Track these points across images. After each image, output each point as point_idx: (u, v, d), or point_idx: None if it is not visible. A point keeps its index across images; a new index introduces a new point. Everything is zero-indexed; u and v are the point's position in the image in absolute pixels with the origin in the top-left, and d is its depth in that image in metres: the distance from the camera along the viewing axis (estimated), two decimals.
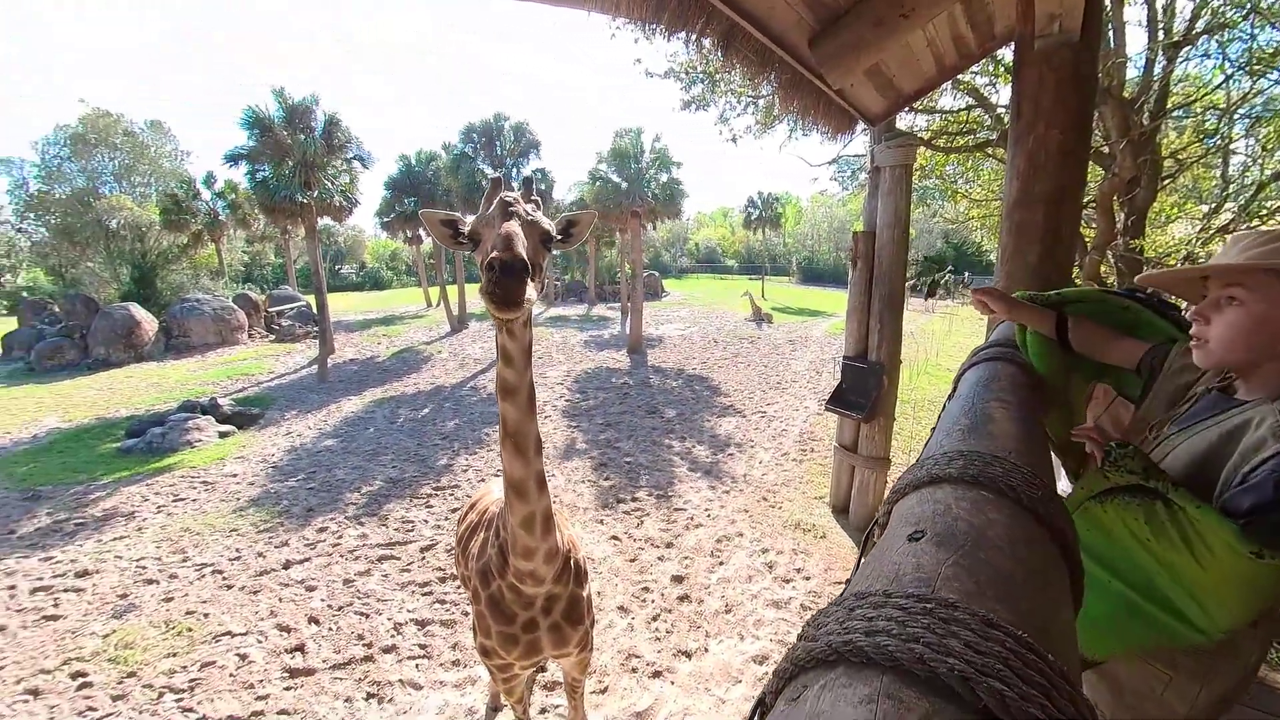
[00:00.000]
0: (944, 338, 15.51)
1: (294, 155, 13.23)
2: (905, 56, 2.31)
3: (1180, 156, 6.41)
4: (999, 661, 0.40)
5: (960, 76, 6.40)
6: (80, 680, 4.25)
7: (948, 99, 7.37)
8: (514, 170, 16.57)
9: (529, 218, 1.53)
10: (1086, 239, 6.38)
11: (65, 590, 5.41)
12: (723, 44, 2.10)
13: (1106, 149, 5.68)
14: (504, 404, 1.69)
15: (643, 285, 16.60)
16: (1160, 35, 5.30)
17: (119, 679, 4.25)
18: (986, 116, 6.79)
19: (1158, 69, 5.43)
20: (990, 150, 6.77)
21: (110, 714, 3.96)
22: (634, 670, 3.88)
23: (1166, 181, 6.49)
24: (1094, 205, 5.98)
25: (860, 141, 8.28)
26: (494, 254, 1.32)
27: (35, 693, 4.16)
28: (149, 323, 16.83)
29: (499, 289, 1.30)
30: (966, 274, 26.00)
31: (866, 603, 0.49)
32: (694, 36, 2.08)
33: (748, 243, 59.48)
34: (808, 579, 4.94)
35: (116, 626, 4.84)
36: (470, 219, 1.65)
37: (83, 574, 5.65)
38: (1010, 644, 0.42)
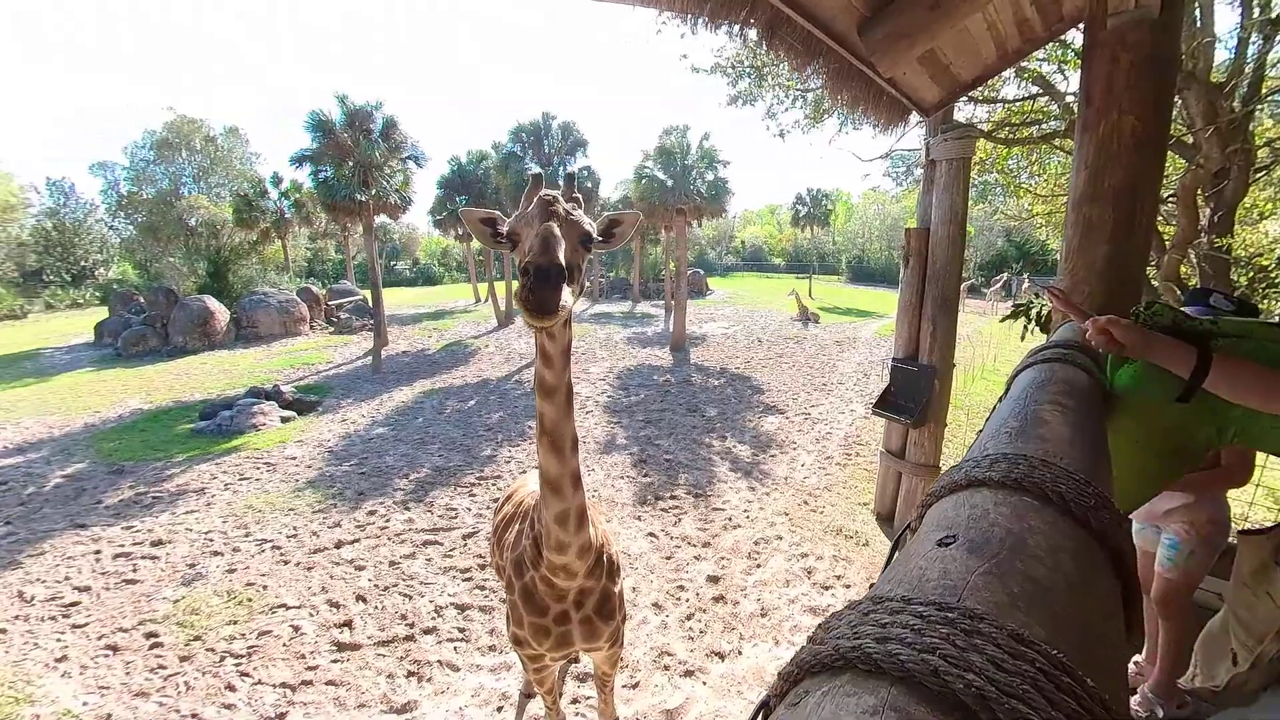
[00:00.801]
0: (1003, 341, 14.73)
1: (354, 156, 13.86)
2: (963, 42, 2.18)
3: (1277, 146, 5.84)
4: (1026, 682, 0.36)
5: (1024, 63, 6.05)
6: (152, 640, 4.59)
7: (1011, 88, 6.96)
8: (560, 168, 16.79)
9: (569, 217, 1.49)
10: (1165, 236, 5.91)
11: (142, 557, 5.85)
12: (767, 33, 2.04)
13: (1190, 138, 5.25)
14: (542, 402, 1.68)
15: (686, 283, 16.52)
16: (1255, 11, 4.84)
17: (186, 641, 4.57)
18: (1053, 105, 6.37)
19: (1251, 49, 4.96)
20: (1057, 142, 6.37)
21: (177, 673, 4.26)
22: (666, 668, 3.87)
23: (1260, 174, 5.94)
24: (1174, 200, 5.53)
25: (915, 134, 7.94)
26: (530, 258, 1.29)
27: (114, 648, 4.53)
28: (221, 314, 18.01)
29: (534, 295, 1.26)
30: (1026, 275, 24.55)
31: (883, 607, 0.45)
32: (738, 27, 2.02)
33: (795, 241, 58.24)
34: (848, 587, 4.79)
35: (185, 593, 5.21)
36: (510, 218, 1.64)
37: (157, 543, 6.10)
38: (1041, 663, 0.38)
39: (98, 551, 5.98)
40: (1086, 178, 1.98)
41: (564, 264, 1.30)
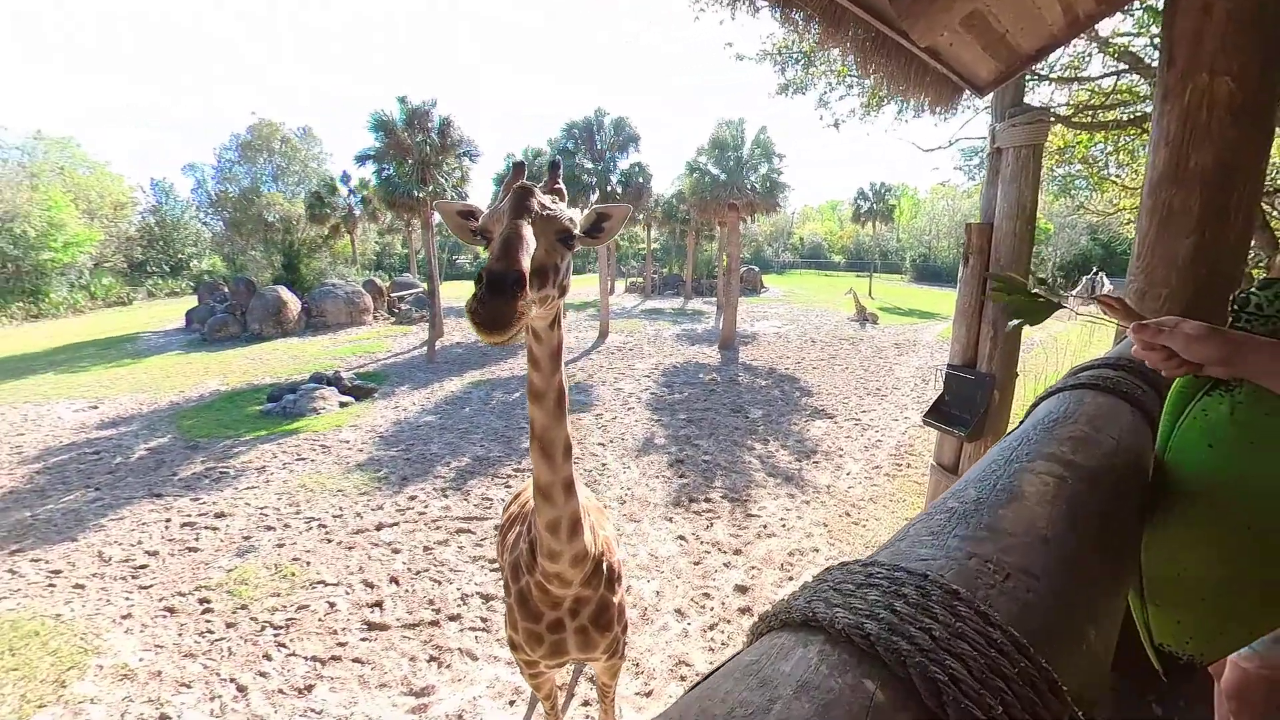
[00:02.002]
0: (1081, 349, 13.55)
1: (413, 154, 14.38)
2: (1019, 3, 1.90)
3: None
4: (960, 643, 0.36)
5: (1107, 36, 5.45)
6: (204, 606, 4.89)
7: (1095, 66, 6.28)
8: (612, 164, 16.79)
9: (545, 213, 1.33)
10: (1276, 231, 5.19)
11: (205, 528, 6.27)
12: (782, 1, 1.84)
13: None
14: (532, 407, 1.58)
15: (739, 280, 16.17)
16: None
17: (233, 609, 4.84)
18: (1143, 84, 5.67)
19: None
20: (1148, 126, 5.70)
21: (222, 638, 4.51)
22: (682, 678, 3.74)
23: None
24: None
25: (984, 121, 7.34)
26: (487, 262, 1.14)
27: (171, 610, 4.85)
28: (293, 303, 19.20)
29: (482, 308, 1.07)
30: (1102, 275, 22.46)
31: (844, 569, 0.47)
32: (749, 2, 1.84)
33: (856, 238, 56.11)
34: None
35: (238, 564, 5.52)
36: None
37: (219, 515, 6.52)
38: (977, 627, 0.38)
39: (168, 520, 6.45)
40: (1166, 156, 1.68)
41: (525, 270, 1.13)
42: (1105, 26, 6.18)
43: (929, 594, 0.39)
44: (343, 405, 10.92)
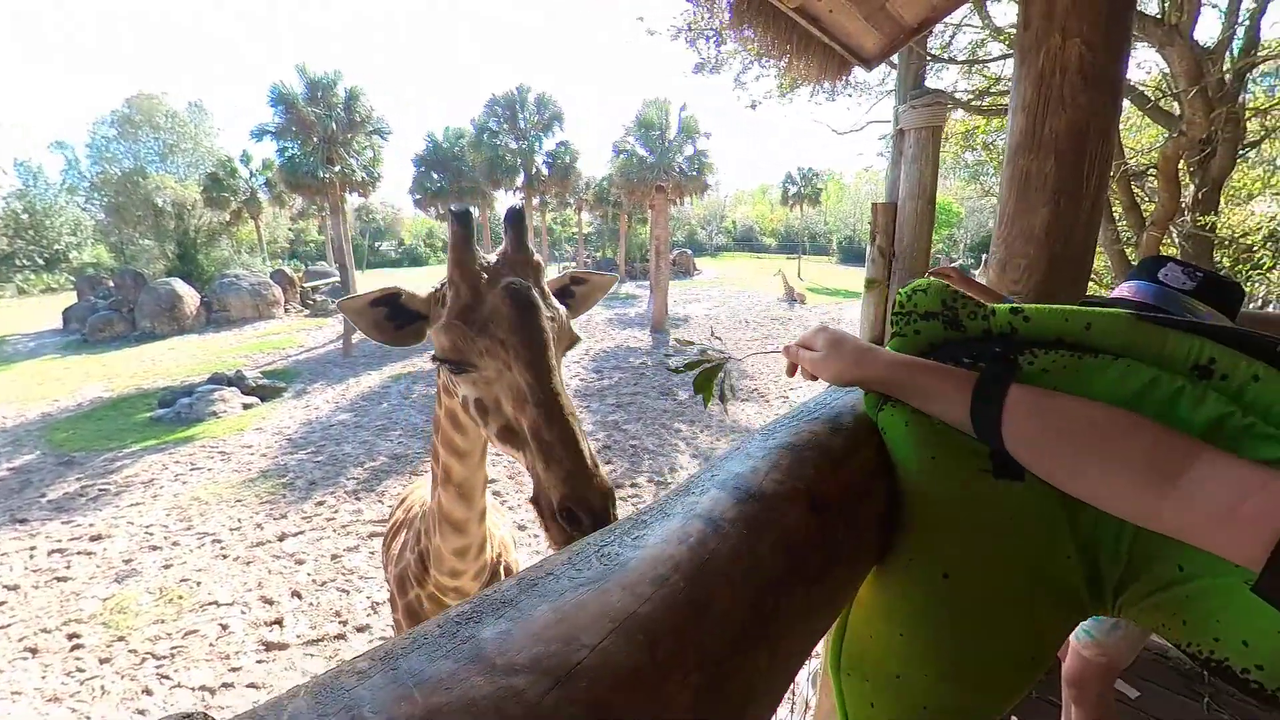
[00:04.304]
0: None
1: (317, 131, 13.31)
2: None
3: (1268, 123, 5.52)
4: None
5: (1002, 26, 5.72)
6: (74, 641, 4.37)
7: (996, 51, 6.57)
8: (537, 143, 16.26)
9: (555, 326, 0.94)
10: (1145, 212, 5.65)
11: (78, 553, 5.60)
12: None
13: (1172, 105, 4.95)
14: (451, 459, 1.25)
15: (669, 263, 16.18)
16: None
17: (109, 642, 4.34)
18: None
19: (1245, 6, 4.63)
20: None
21: (94, 676, 4.04)
22: None
23: (1249, 151, 5.65)
24: (1155, 173, 5.26)
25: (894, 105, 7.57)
26: (565, 490, 0.78)
27: (34, 650, 4.30)
28: (191, 297, 17.52)
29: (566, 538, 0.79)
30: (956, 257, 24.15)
31: None
32: None
33: (787, 221, 57.71)
34: None
35: (116, 591, 4.97)
36: (437, 312, 1.00)
37: (96, 538, 5.84)
38: None
39: (33, 548, 5.72)
40: (1023, 122, 1.68)
41: (611, 488, 0.84)
42: (998, 11, 6.47)
43: None
44: (246, 407, 10.09)
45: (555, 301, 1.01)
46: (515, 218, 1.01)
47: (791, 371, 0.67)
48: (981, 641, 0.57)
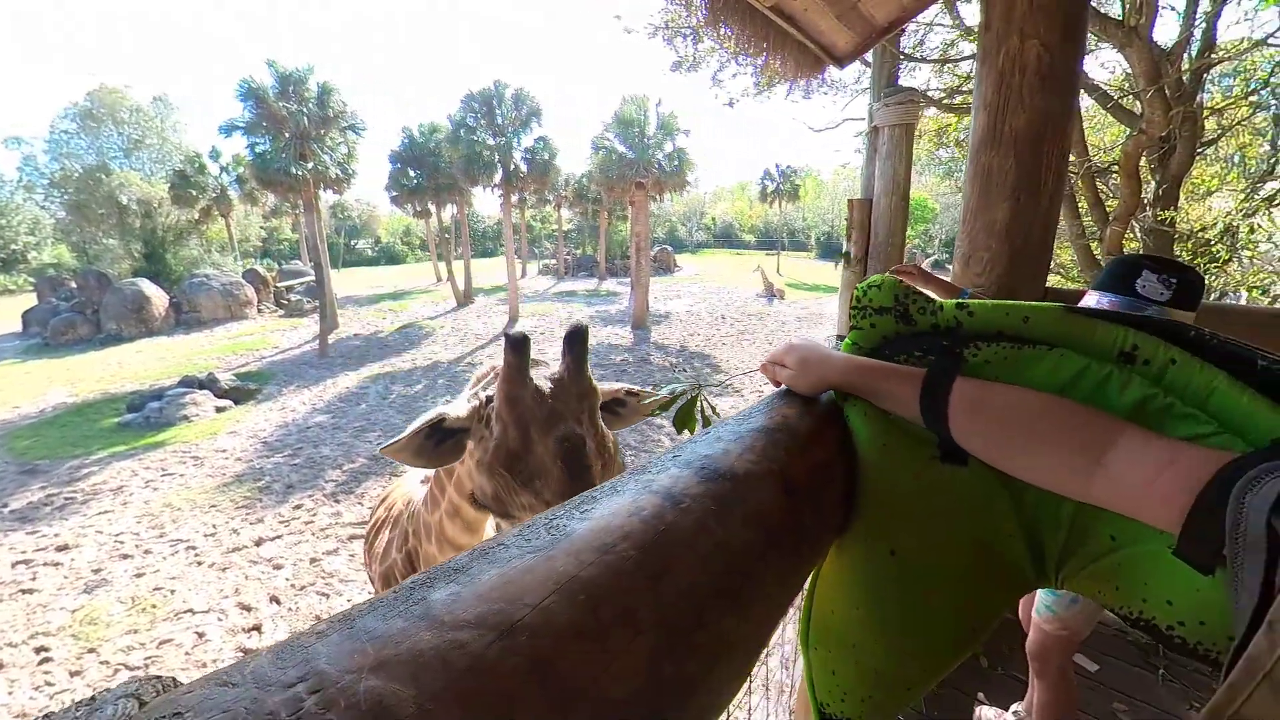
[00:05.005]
0: None
1: (289, 127, 13.01)
2: None
3: (1224, 121, 5.74)
4: None
5: (971, 26, 5.84)
6: (42, 655, 4.25)
7: (967, 50, 6.72)
8: (515, 139, 16.12)
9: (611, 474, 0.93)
10: (1109, 207, 5.83)
11: (44, 564, 5.43)
12: None
13: (1132, 104, 5.11)
14: (462, 501, 1.19)
15: (649, 260, 16.19)
16: None
17: (79, 654, 4.23)
18: None
19: (1202, 8, 4.80)
20: None
21: (64, 690, 3.94)
22: None
23: (1207, 148, 5.86)
24: (1118, 169, 5.43)
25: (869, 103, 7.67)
26: None
27: None
28: (159, 298, 17.03)
29: None
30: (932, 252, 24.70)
31: None
32: None
33: (765, 217, 58.12)
34: None
35: (85, 602, 4.84)
36: (461, 408, 0.96)
37: (63, 548, 5.67)
38: None
39: None
40: (985, 120, 1.75)
41: None
42: (968, 12, 6.60)
43: None
44: (220, 410, 9.86)
45: (608, 437, 0.93)
46: (576, 340, 0.92)
47: (776, 384, 0.71)
48: (926, 614, 0.63)
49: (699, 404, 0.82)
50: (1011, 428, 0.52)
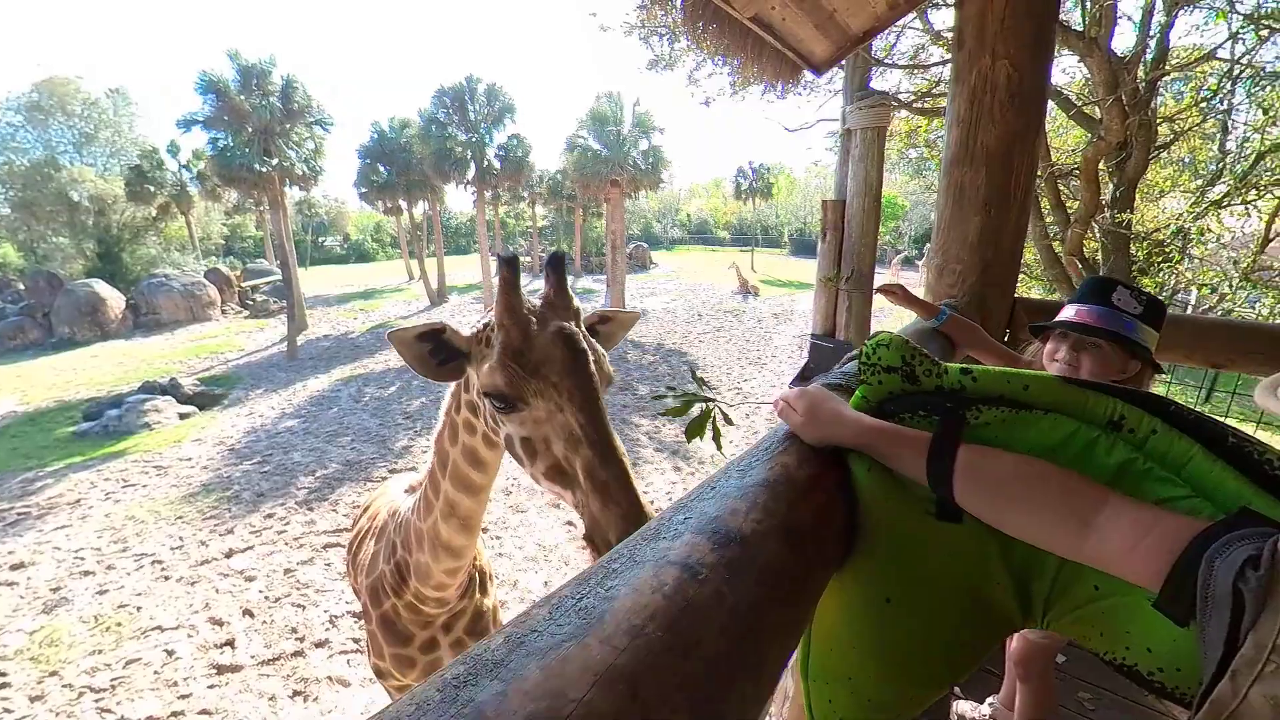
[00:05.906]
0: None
1: (252, 121, 12.58)
2: None
3: (1176, 127, 6.01)
4: None
5: (939, 30, 5.98)
6: None
7: (937, 55, 6.88)
8: (488, 135, 15.89)
9: (603, 372, 1.03)
10: (1070, 210, 6.06)
11: None
12: None
13: (1093, 110, 5.31)
14: (460, 495, 1.31)
15: (625, 258, 16.18)
16: None
17: (39, 679, 4.06)
18: None
19: (1156, 20, 5.01)
20: None
21: (26, 716, 3.77)
22: None
23: (1161, 153, 6.12)
24: (1079, 172, 5.63)
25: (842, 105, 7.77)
26: (622, 528, 0.84)
27: None
28: (115, 300, 16.32)
29: None
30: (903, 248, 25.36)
31: None
32: None
33: (740, 214, 58.55)
34: None
35: (45, 622, 4.64)
36: (486, 351, 1.02)
37: (17, 566, 5.43)
38: None
39: None
40: (958, 136, 1.81)
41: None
42: (938, 19, 6.75)
43: None
44: (183, 417, 9.53)
45: (596, 344, 1.04)
46: (557, 263, 1.06)
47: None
48: (919, 654, 0.69)
49: (711, 418, 0.89)
50: (1011, 492, 0.57)
